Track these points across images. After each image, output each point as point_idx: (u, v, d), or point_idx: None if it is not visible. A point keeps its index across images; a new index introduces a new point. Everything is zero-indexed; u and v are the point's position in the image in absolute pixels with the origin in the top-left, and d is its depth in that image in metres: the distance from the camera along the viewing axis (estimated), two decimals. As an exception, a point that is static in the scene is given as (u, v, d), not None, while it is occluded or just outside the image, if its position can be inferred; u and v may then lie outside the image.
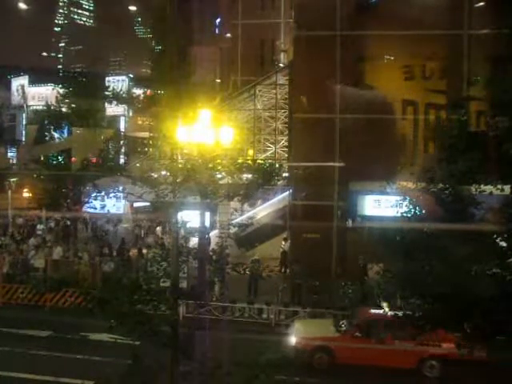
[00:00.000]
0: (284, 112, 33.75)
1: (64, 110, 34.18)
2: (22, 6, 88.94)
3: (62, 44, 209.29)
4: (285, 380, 11.02)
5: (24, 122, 61.89)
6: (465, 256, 8.85)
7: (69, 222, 29.91)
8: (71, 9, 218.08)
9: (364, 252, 18.52)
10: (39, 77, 74.30)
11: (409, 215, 10.52)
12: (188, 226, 14.97)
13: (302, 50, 21.67)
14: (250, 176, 18.98)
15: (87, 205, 27.60)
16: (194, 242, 16.41)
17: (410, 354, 14.14)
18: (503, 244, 9.51)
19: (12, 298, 20.13)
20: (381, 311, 14.41)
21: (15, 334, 16.37)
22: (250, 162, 19.93)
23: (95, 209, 26.52)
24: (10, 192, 31.77)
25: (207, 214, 18.55)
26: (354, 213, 21.14)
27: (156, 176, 10.29)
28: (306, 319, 17.46)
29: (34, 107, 63.31)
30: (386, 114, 20.10)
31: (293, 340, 15.10)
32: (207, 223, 18.58)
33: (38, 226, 29.87)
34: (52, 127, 32.66)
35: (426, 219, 10.19)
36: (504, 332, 9.25)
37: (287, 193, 25.55)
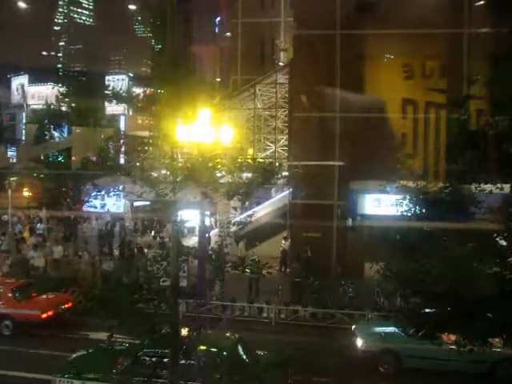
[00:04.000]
0: (284, 111, 33.76)
1: (64, 109, 34.18)
2: (22, 5, 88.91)
3: (62, 43, 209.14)
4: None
5: (24, 121, 61.87)
6: (465, 255, 8.83)
7: (69, 222, 29.87)
8: (71, 8, 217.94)
9: (366, 251, 18.50)
10: (39, 76, 74.40)
11: (409, 214, 10.49)
12: (188, 225, 14.98)
13: (301, 49, 21.66)
14: (249, 175, 18.93)
15: (87, 204, 27.60)
16: (193, 241, 16.43)
17: None
18: (503, 243, 9.49)
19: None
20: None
21: (15, 334, 16.40)
22: (249, 160, 19.85)
23: (95, 208, 26.53)
24: (10, 191, 31.70)
25: (207, 214, 18.57)
26: (354, 212, 21.14)
27: (156, 175, 10.27)
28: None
29: (34, 106, 63.34)
30: (386, 112, 20.08)
31: None
32: (207, 222, 18.61)
33: (38, 226, 29.85)
34: (52, 126, 32.60)
35: (426, 218, 10.18)
36: (504, 332, 9.25)
37: (287, 192, 25.53)
